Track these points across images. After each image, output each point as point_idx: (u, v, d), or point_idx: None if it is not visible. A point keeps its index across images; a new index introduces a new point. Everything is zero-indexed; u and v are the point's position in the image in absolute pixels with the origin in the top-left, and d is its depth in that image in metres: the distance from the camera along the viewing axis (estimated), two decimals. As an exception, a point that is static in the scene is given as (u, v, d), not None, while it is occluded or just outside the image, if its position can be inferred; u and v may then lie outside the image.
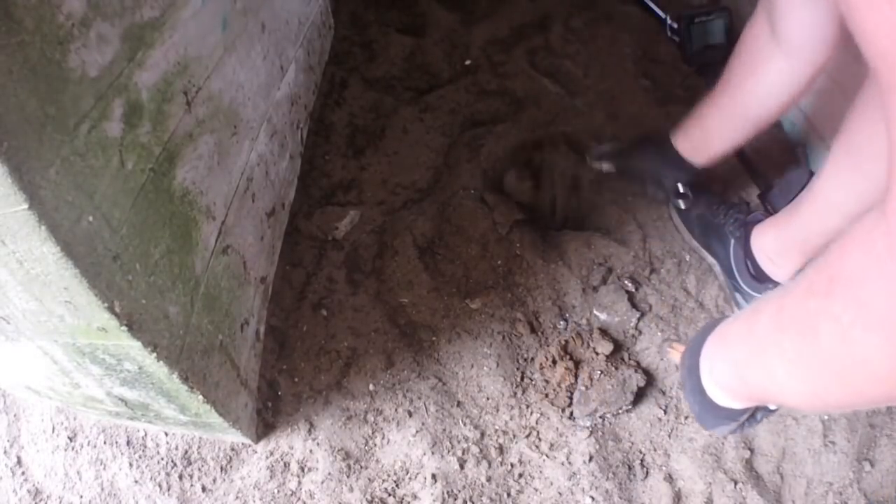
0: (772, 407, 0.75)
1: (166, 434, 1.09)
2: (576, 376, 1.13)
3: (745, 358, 0.65)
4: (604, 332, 1.18)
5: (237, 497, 1.04)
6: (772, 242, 1.18)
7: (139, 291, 0.70)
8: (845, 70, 1.21)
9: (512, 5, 1.87)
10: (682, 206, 1.29)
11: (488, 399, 1.14)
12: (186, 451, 1.08)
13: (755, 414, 0.77)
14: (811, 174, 1.22)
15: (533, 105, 1.60)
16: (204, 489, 1.05)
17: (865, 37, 0.37)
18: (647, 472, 1.09)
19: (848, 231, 0.45)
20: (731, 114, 1.08)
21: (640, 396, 1.14)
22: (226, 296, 0.96)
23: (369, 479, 1.05)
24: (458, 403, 1.14)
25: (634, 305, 1.25)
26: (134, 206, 0.69)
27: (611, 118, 1.60)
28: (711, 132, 1.13)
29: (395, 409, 1.12)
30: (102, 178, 0.63)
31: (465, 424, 1.11)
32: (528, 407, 1.13)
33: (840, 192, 1.00)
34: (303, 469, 1.07)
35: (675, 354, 0.97)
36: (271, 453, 1.08)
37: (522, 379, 1.15)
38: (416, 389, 1.14)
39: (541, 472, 1.07)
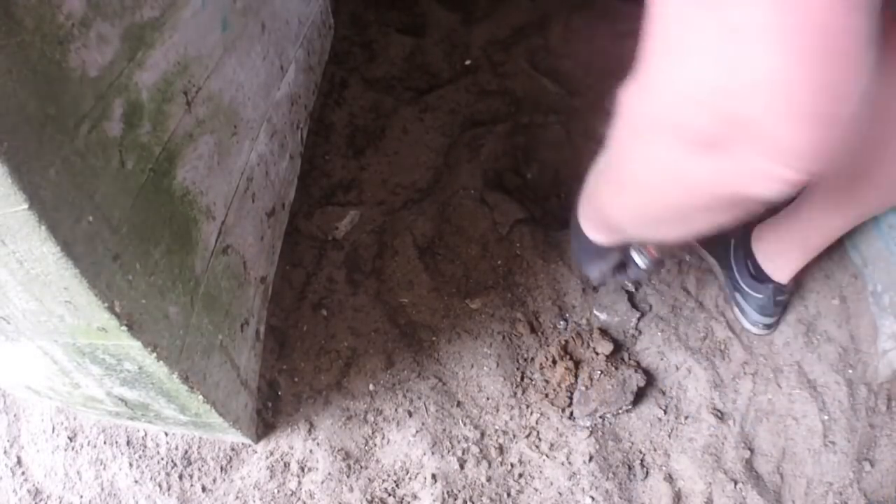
0: (637, 262, 0.93)
1: (166, 434, 1.09)
2: (576, 376, 1.13)
3: (591, 196, 0.80)
4: (604, 332, 1.18)
5: (237, 497, 1.04)
6: (772, 242, 1.18)
7: (139, 291, 0.70)
8: None
9: (512, 5, 1.87)
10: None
11: (488, 399, 1.14)
12: (186, 451, 1.08)
13: (624, 267, 0.95)
14: None
15: (533, 105, 1.60)
16: (204, 489, 1.05)
17: None
18: (647, 472, 1.09)
19: None
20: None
21: (640, 396, 1.14)
22: (226, 296, 0.96)
23: (369, 479, 1.05)
24: (458, 403, 1.14)
25: (634, 305, 1.25)
26: (134, 206, 0.69)
27: (611, 118, 1.60)
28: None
29: (395, 409, 1.12)
30: (102, 178, 0.63)
31: (465, 424, 1.11)
32: (528, 407, 1.13)
33: (841, 193, 1.00)
34: (303, 469, 1.07)
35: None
36: (271, 453, 1.08)
37: (522, 379, 1.16)
38: (416, 389, 1.14)
39: (541, 472, 1.07)
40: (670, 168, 0.51)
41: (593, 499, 1.04)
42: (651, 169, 0.55)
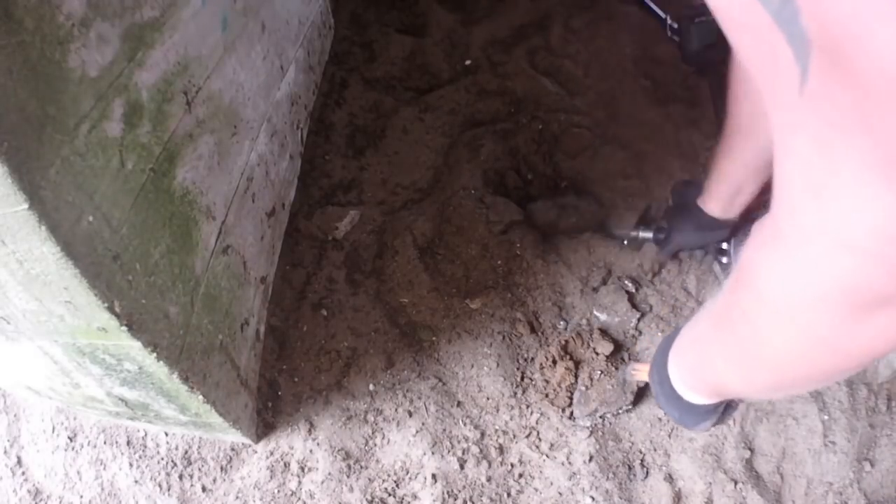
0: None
1: (166, 434, 1.09)
2: (576, 376, 1.13)
3: (697, 359, 0.72)
4: (604, 333, 1.18)
5: (237, 497, 1.04)
6: None
7: (139, 291, 0.70)
8: None
9: (512, 5, 1.87)
10: (726, 261, 1.27)
11: (488, 399, 1.14)
12: (186, 451, 1.08)
13: (730, 405, 0.84)
14: None
15: (533, 105, 1.60)
16: (204, 489, 1.05)
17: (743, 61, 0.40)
18: (647, 472, 1.09)
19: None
20: (752, 158, 1.07)
21: (640, 396, 1.14)
22: (226, 296, 0.96)
23: (369, 479, 1.05)
24: (459, 403, 1.13)
25: (634, 306, 1.25)
26: (134, 206, 0.69)
27: (611, 118, 1.60)
28: (740, 184, 1.12)
29: (395, 409, 1.12)
30: (102, 178, 0.63)
31: (465, 424, 1.11)
32: (528, 407, 1.13)
33: None
34: (303, 469, 1.07)
35: (640, 374, 1.08)
36: (271, 453, 1.08)
37: (522, 379, 1.15)
38: (416, 389, 1.14)
39: (541, 472, 1.07)
40: (827, 339, 0.43)
41: (593, 499, 1.04)
42: (799, 343, 0.46)
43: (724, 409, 0.83)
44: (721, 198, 1.16)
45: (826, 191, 0.34)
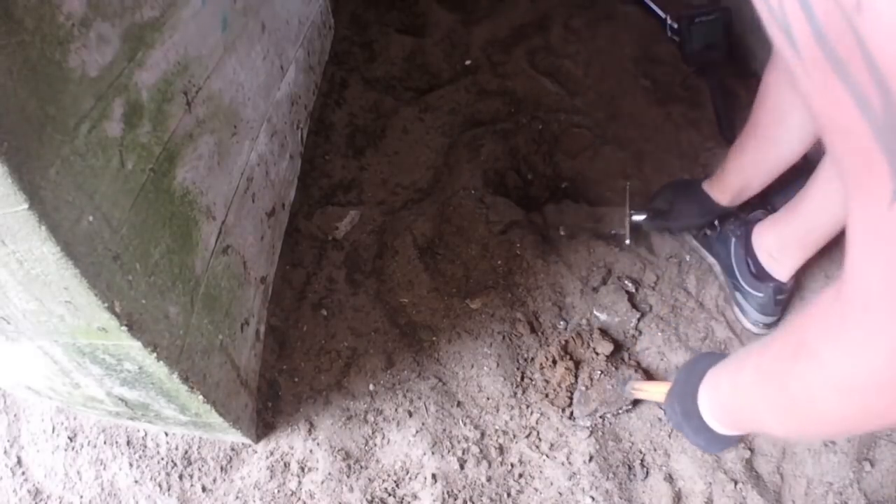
0: None
1: (166, 434, 1.09)
2: (576, 376, 1.13)
3: (737, 405, 0.77)
4: (604, 333, 1.18)
5: (237, 497, 1.04)
6: (773, 239, 1.18)
7: (139, 291, 0.70)
8: None
9: (512, 5, 1.87)
10: (710, 233, 1.31)
11: (488, 399, 1.14)
12: (186, 451, 1.08)
13: None
14: (812, 164, 1.21)
15: (533, 105, 1.60)
16: (204, 489, 1.05)
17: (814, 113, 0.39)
18: (647, 472, 1.09)
19: (811, 302, 0.54)
20: (764, 160, 1.12)
21: (640, 396, 1.14)
22: (226, 296, 0.96)
23: (369, 479, 1.05)
24: (459, 403, 1.13)
25: (634, 306, 1.25)
26: (134, 206, 0.69)
27: (611, 118, 1.60)
28: (749, 180, 1.17)
29: (395, 409, 1.12)
30: (102, 178, 0.63)
31: (465, 424, 1.11)
32: (528, 407, 1.13)
33: (838, 184, 1.00)
34: (303, 469, 1.07)
35: (641, 393, 1.08)
36: (271, 453, 1.08)
37: (522, 379, 1.15)
38: (416, 389, 1.14)
39: (541, 472, 1.07)
40: (886, 413, 0.47)
41: (593, 499, 1.04)
42: (856, 413, 0.51)
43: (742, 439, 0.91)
44: (729, 189, 1.20)
45: None
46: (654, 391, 1.06)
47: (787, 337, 0.59)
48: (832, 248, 1.16)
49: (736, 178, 1.18)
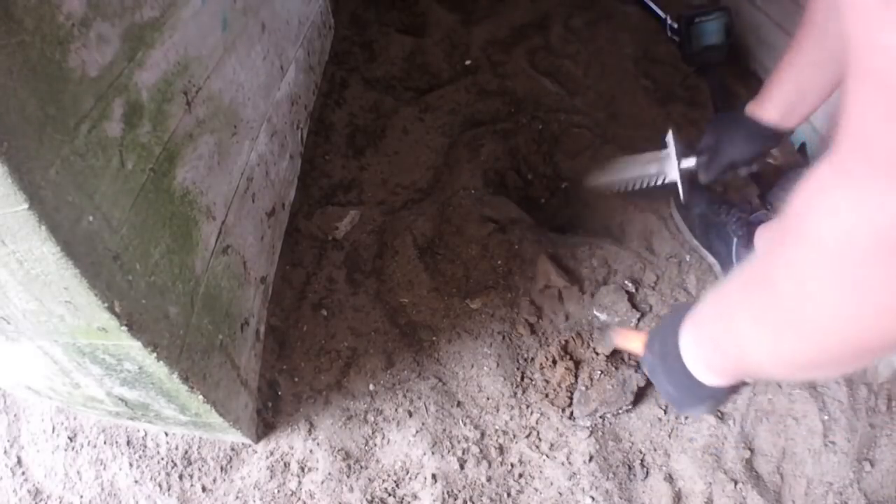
0: (748, 380, 0.73)
1: (166, 434, 1.09)
2: (576, 376, 1.13)
3: (720, 329, 0.65)
4: (604, 333, 1.18)
5: (237, 497, 1.04)
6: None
7: (139, 291, 0.70)
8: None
9: (512, 5, 1.88)
10: (720, 216, 1.24)
11: (488, 399, 1.14)
12: (186, 451, 1.08)
13: (729, 392, 0.75)
14: (807, 160, 1.21)
15: (533, 105, 1.60)
16: (204, 489, 1.05)
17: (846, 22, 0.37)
18: (647, 472, 1.09)
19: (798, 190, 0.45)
20: (822, 65, 1.00)
21: (640, 396, 1.14)
22: (226, 296, 0.96)
23: (369, 479, 1.05)
24: (459, 403, 1.14)
25: (634, 306, 1.25)
26: (134, 206, 0.69)
27: (611, 118, 1.60)
28: (804, 93, 1.05)
29: (395, 409, 1.12)
30: (102, 178, 0.63)
31: (465, 424, 1.11)
32: (528, 407, 1.13)
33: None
34: (303, 469, 1.07)
35: (621, 339, 0.96)
36: (271, 453, 1.08)
37: (522, 379, 1.15)
38: (416, 389, 1.14)
39: (541, 472, 1.07)
40: (881, 296, 0.41)
41: (593, 499, 1.04)
42: (849, 298, 0.43)
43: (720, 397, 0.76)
44: (781, 103, 1.08)
45: None
46: (635, 339, 0.93)
47: (776, 231, 0.50)
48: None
49: (789, 87, 1.06)
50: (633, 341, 0.92)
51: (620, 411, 1.13)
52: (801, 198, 0.45)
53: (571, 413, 1.12)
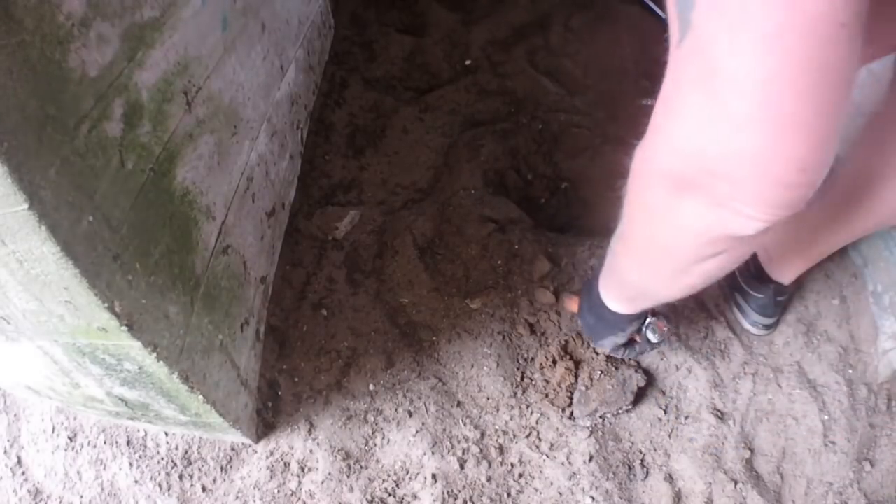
0: (652, 339, 0.99)
1: (166, 434, 1.09)
2: (576, 376, 1.13)
3: (612, 264, 0.84)
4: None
5: (237, 497, 1.04)
6: (776, 246, 1.17)
7: (139, 291, 0.70)
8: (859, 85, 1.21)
9: (512, 5, 1.88)
10: None
11: (488, 399, 1.14)
12: (186, 451, 1.08)
13: (633, 343, 1.02)
14: None
15: (533, 105, 1.60)
16: (204, 489, 1.05)
17: None
18: (647, 472, 1.09)
19: None
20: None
21: (640, 396, 1.14)
22: (226, 296, 0.96)
23: (369, 479, 1.05)
24: (459, 403, 1.13)
25: (634, 305, 1.25)
26: (134, 206, 0.69)
27: (611, 118, 1.60)
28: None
29: (395, 409, 1.12)
30: (102, 178, 0.63)
31: (465, 424, 1.11)
32: (528, 407, 1.13)
33: (849, 207, 1.00)
34: (303, 469, 1.07)
35: (571, 303, 1.13)
36: (271, 453, 1.08)
37: (522, 379, 1.15)
38: (416, 389, 1.14)
39: (541, 472, 1.07)
40: (665, 211, 0.58)
41: (593, 499, 1.04)
42: (651, 215, 0.62)
43: (629, 344, 1.01)
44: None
45: (685, 118, 0.51)
46: (577, 300, 1.11)
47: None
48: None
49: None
50: (576, 302, 1.11)
51: (620, 411, 1.13)
52: (633, 158, 0.62)
53: (571, 413, 1.12)
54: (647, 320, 0.98)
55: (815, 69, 0.41)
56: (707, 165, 0.49)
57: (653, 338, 0.99)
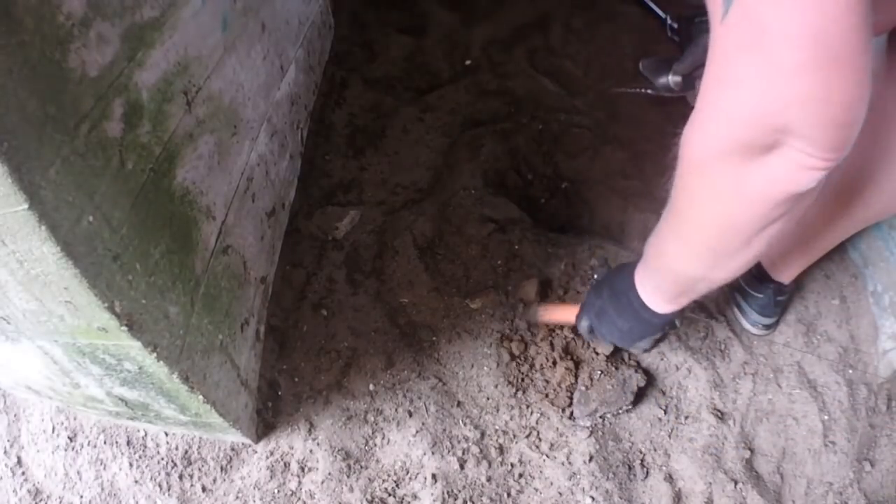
0: (677, 323, 0.94)
1: (166, 434, 1.09)
2: (576, 376, 1.13)
3: (657, 255, 0.82)
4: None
5: (237, 497, 1.04)
6: (776, 244, 1.17)
7: (139, 291, 0.70)
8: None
9: (512, 5, 1.88)
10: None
11: (488, 399, 1.14)
12: (186, 451, 1.08)
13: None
14: None
15: (533, 105, 1.60)
16: (204, 489, 1.05)
17: None
18: (647, 472, 1.09)
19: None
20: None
21: (640, 396, 1.14)
22: (226, 296, 0.96)
23: (369, 479, 1.05)
24: (458, 403, 1.13)
25: (634, 305, 1.25)
26: (134, 206, 0.69)
27: (611, 118, 1.60)
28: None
29: (396, 409, 1.12)
30: (102, 178, 0.63)
31: (465, 424, 1.11)
32: (528, 407, 1.13)
33: (847, 199, 1.00)
34: (303, 469, 1.07)
35: (548, 313, 1.09)
36: (271, 453, 1.08)
37: (522, 379, 1.15)
38: (416, 389, 1.14)
39: (541, 472, 1.07)
40: (732, 185, 0.60)
41: (593, 499, 1.04)
42: (717, 193, 0.63)
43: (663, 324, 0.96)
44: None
45: (736, 83, 0.54)
46: (563, 311, 1.07)
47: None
48: (833, 249, 1.16)
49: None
50: (557, 312, 1.09)
51: (620, 411, 1.13)
52: (681, 143, 0.63)
53: (571, 413, 1.12)
54: None
55: (850, 12, 0.46)
56: (770, 121, 0.52)
57: (677, 322, 0.97)
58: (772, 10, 0.47)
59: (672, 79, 1.51)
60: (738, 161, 0.58)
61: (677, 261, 0.79)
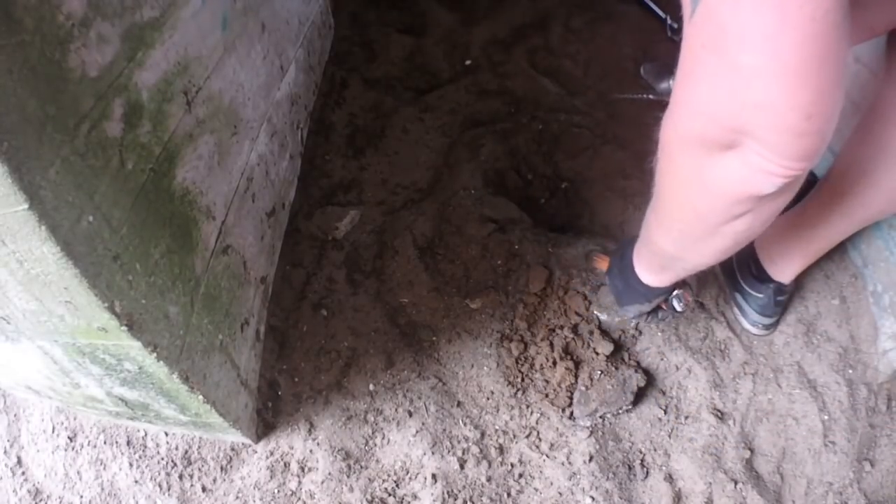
0: (677, 307, 1.05)
1: (166, 434, 1.09)
2: (576, 376, 1.13)
3: (646, 236, 0.88)
4: (604, 332, 1.18)
5: (237, 497, 1.04)
6: (776, 243, 1.18)
7: (139, 291, 0.70)
8: (856, 83, 1.21)
9: (512, 5, 1.88)
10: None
11: (488, 399, 1.14)
12: (186, 451, 1.08)
13: (657, 311, 1.10)
14: (814, 176, 1.22)
15: (533, 105, 1.60)
16: (204, 489, 1.05)
17: None
18: (647, 472, 1.09)
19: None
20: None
21: (640, 396, 1.14)
22: (226, 296, 0.96)
23: (369, 479, 1.05)
24: (459, 403, 1.14)
25: (634, 305, 1.25)
26: (134, 206, 0.69)
27: (611, 118, 1.60)
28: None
29: (395, 409, 1.12)
30: (102, 178, 0.63)
31: (465, 424, 1.11)
32: (528, 407, 1.13)
33: (846, 198, 1.00)
34: (303, 469, 1.07)
35: (601, 262, 1.20)
36: (271, 453, 1.08)
37: (522, 379, 1.15)
38: (416, 389, 1.14)
39: (541, 472, 1.07)
40: (694, 174, 0.63)
41: (593, 499, 1.04)
42: (681, 180, 0.67)
43: (653, 311, 1.08)
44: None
45: (702, 81, 0.55)
46: (606, 261, 1.17)
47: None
48: (833, 249, 1.16)
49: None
50: (605, 262, 1.18)
51: (620, 411, 1.13)
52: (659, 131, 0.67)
53: (571, 413, 1.12)
54: (675, 291, 1.04)
55: (808, 21, 0.45)
56: (726, 121, 0.53)
57: (678, 307, 1.05)
58: (731, 12, 0.47)
59: (674, 84, 1.52)
60: (701, 153, 0.60)
61: (657, 235, 0.85)
